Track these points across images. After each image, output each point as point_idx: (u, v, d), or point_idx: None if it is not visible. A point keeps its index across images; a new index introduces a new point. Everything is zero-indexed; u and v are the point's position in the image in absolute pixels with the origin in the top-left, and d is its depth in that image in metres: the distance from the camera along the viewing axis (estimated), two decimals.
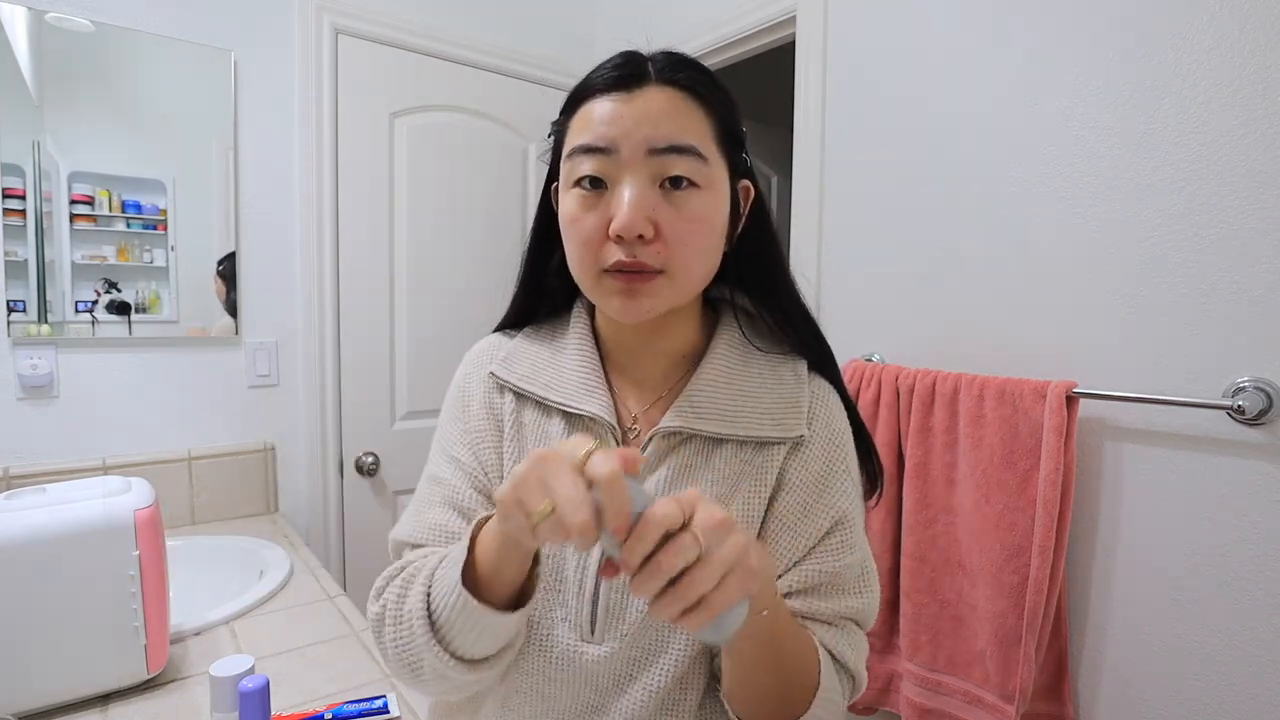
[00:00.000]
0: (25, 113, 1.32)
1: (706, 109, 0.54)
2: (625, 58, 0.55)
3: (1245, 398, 0.87)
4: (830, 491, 0.57)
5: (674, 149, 0.51)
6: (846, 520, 0.57)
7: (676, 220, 0.52)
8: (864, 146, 1.35)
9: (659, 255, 0.52)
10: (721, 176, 0.55)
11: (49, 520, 0.83)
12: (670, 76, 0.53)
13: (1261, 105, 0.87)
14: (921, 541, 1.17)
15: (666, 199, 0.52)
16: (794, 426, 0.57)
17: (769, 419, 0.57)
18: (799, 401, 0.58)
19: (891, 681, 1.23)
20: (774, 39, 1.58)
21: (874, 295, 1.34)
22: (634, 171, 0.51)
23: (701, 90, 0.54)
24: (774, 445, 0.57)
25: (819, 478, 0.57)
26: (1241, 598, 0.90)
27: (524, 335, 0.66)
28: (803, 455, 0.57)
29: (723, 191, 0.55)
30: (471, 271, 1.89)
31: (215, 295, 1.55)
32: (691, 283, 0.55)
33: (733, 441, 0.57)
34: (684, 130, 0.52)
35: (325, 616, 1.11)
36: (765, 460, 0.57)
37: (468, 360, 0.67)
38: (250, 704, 0.69)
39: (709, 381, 0.58)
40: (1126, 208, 1.00)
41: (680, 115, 0.52)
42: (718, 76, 0.57)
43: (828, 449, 0.58)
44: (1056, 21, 1.06)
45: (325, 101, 1.65)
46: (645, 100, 0.52)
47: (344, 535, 1.74)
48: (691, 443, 0.57)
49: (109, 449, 1.45)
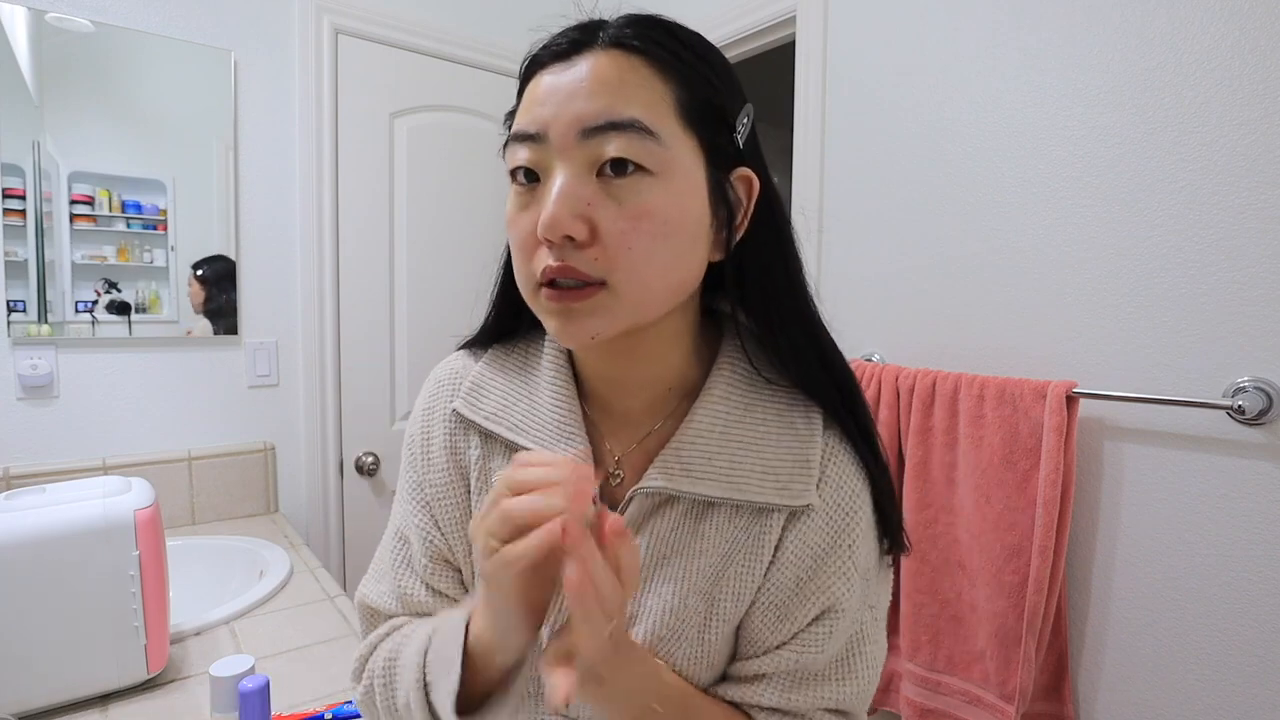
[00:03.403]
0: (25, 113, 1.32)
1: (665, 73, 0.43)
2: (581, 24, 0.45)
3: (1245, 398, 0.87)
4: (826, 572, 0.47)
5: (611, 125, 0.40)
6: (837, 608, 0.48)
7: (617, 216, 0.41)
8: (864, 146, 1.35)
9: (596, 262, 0.41)
10: (686, 159, 0.43)
11: (49, 520, 0.83)
12: (619, 39, 0.42)
13: (1261, 105, 0.87)
14: (921, 541, 1.17)
15: (606, 189, 0.41)
16: (801, 493, 0.47)
17: (771, 480, 0.47)
18: (809, 460, 0.47)
19: (891, 681, 1.23)
20: (774, 39, 1.58)
21: (874, 295, 1.34)
22: (566, 158, 0.41)
23: (657, 51, 0.43)
24: (774, 511, 0.47)
25: (819, 554, 0.47)
26: (1241, 598, 0.90)
27: (491, 356, 0.56)
28: (804, 524, 0.47)
29: (688, 178, 0.43)
30: (471, 271, 1.89)
31: (189, 299, 1.52)
32: (647, 296, 0.43)
33: (727, 505, 0.47)
34: (625, 101, 0.41)
35: (325, 616, 1.11)
36: (763, 528, 0.47)
37: (429, 388, 0.58)
38: (250, 704, 0.70)
39: (703, 430, 0.48)
40: (1126, 208, 1.00)
41: (623, 84, 0.41)
42: (698, 38, 0.47)
43: (835, 520, 0.48)
44: (1056, 22, 1.06)
45: (325, 101, 1.65)
46: (585, 69, 0.42)
47: (344, 535, 1.74)
48: (678, 505, 0.48)
49: (109, 449, 1.45)
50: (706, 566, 0.48)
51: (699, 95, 0.44)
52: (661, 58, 0.43)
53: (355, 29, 1.69)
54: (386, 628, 0.53)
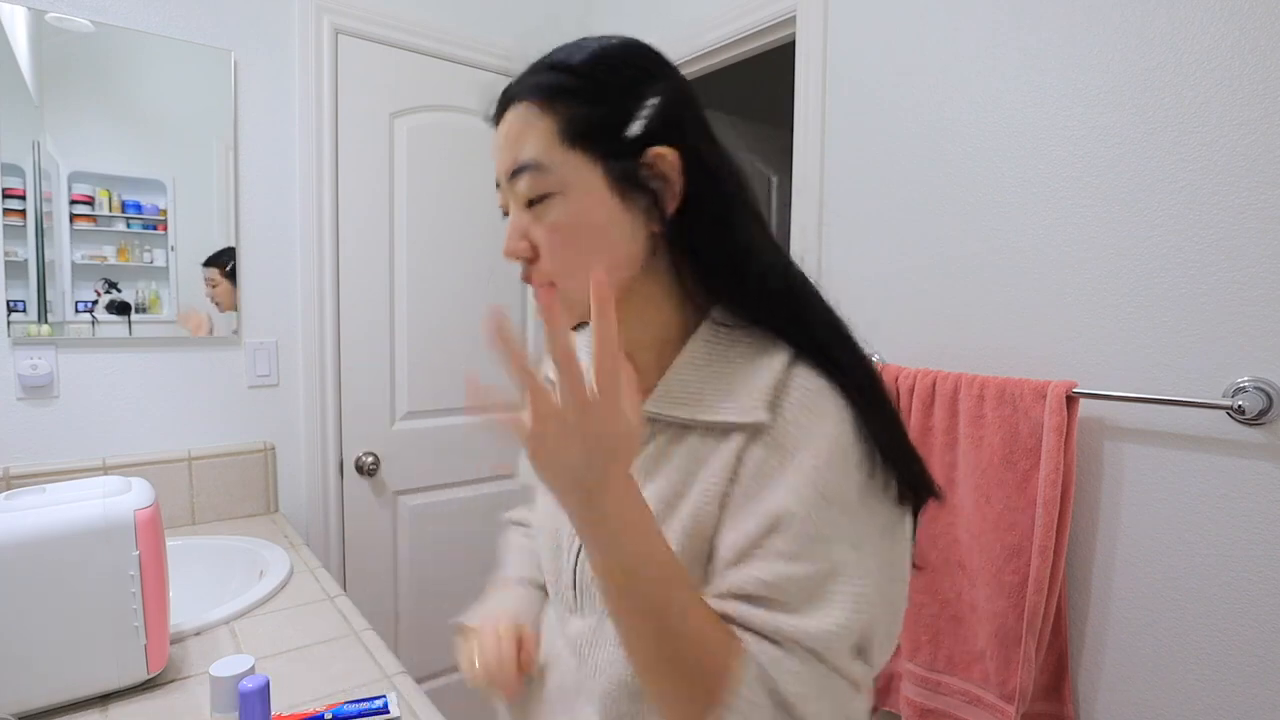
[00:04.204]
0: (25, 113, 1.32)
1: (547, 110, 0.52)
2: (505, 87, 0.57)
3: (1245, 398, 0.87)
4: (776, 485, 0.49)
5: (516, 171, 0.53)
6: (792, 522, 0.47)
7: (542, 233, 0.54)
8: (864, 146, 1.35)
9: (543, 270, 0.54)
10: (580, 173, 0.52)
11: (49, 520, 0.83)
12: (518, 94, 0.54)
13: (1261, 105, 0.87)
14: (921, 541, 1.17)
15: (533, 214, 0.54)
16: (752, 409, 0.51)
17: (732, 402, 0.52)
18: (766, 385, 0.52)
19: (891, 681, 1.24)
20: (774, 39, 1.58)
21: (874, 295, 1.34)
22: (510, 196, 0.55)
23: (539, 93, 0.53)
24: (735, 432, 0.52)
25: (771, 468, 0.50)
26: (1241, 598, 0.90)
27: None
28: (761, 442, 0.51)
29: (584, 185, 0.52)
30: (471, 272, 1.89)
31: (209, 299, 1.54)
32: (583, 283, 0.48)
33: (698, 428, 0.54)
34: (520, 149, 0.53)
35: (325, 616, 1.11)
36: (726, 448, 0.52)
37: None
38: (250, 704, 0.69)
39: (683, 366, 0.56)
40: (1126, 208, 1.00)
41: (519, 134, 0.53)
42: (586, 57, 0.53)
43: (791, 437, 0.50)
44: (1056, 22, 1.06)
45: (325, 101, 1.65)
46: (502, 129, 0.55)
47: (344, 535, 1.74)
48: (668, 430, 0.56)
49: (109, 449, 1.45)
50: (676, 481, 0.54)
51: (576, 116, 0.52)
52: (538, 98, 0.53)
53: (355, 29, 1.69)
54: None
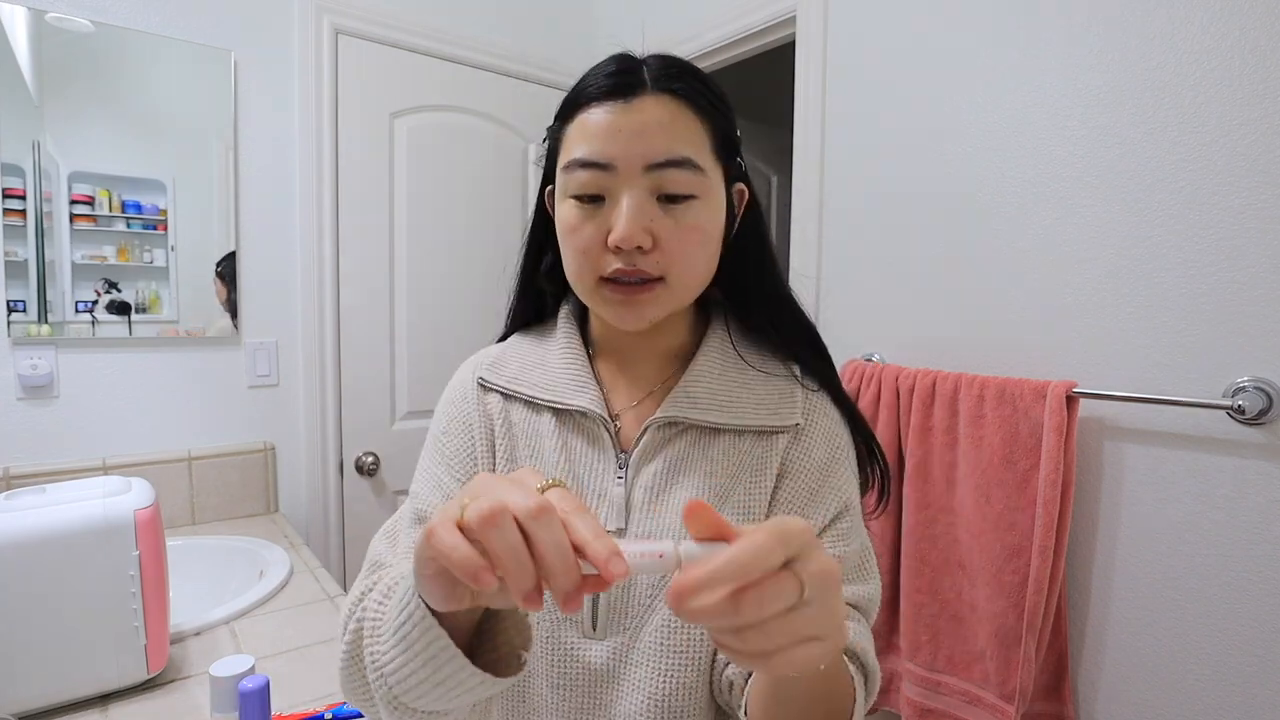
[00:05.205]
0: (25, 113, 1.32)
1: (703, 118, 0.54)
2: (619, 63, 0.54)
3: (1245, 398, 0.87)
4: (835, 477, 0.57)
5: (671, 163, 0.52)
6: (851, 507, 0.57)
7: (674, 230, 0.53)
8: (864, 146, 1.35)
9: (658, 263, 0.53)
10: (717, 184, 0.55)
11: (49, 520, 0.83)
12: (667, 85, 0.53)
13: (1261, 105, 0.87)
14: (921, 541, 1.17)
15: (664, 210, 0.53)
16: (790, 415, 0.58)
17: (765, 409, 0.57)
18: (793, 393, 0.59)
19: (891, 681, 1.23)
20: (774, 39, 1.58)
21: (874, 295, 1.34)
22: (632, 185, 0.52)
23: (699, 99, 0.54)
24: (773, 435, 0.57)
25: (823, 464, 0.57)
26: (1241, 598, 0.90)
27: (512, 341, 0.67)
28: (804, 443, 0.58)
29: (719, 198, 0.56)
30: (472, 272, 1.89)
31: (215, 296, 1.56)
32: (690, 288, 0.56)
33: (730, 431, 0.57)
34: (681, 143, 0.52)
35: (325, 616, 1.11)
36: (765, 450, 0.57)
37: (456, 375, 0.67)
38: (250, 704, 0.70)
39: (703, 373, 0.59)
40: (1126, 208, 1.00)
41: (677, 127, 0.52)
42: (713, 80, 0.57)
43: (828, 438, 0.59)
44: (1056, 22, 1.06)
45: (325, 101, 1.65)
46: (642, 112, 0.52)
47: (344, 535, 1.74)
48: (688, 434, 0.57)
49: (109, 449, 1.45)
50: (716, 485, 0.56)
51: (724, 131, 0.56)
52: (699, 103, 0.54)
53: (355, 29, 1.69)
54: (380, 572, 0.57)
